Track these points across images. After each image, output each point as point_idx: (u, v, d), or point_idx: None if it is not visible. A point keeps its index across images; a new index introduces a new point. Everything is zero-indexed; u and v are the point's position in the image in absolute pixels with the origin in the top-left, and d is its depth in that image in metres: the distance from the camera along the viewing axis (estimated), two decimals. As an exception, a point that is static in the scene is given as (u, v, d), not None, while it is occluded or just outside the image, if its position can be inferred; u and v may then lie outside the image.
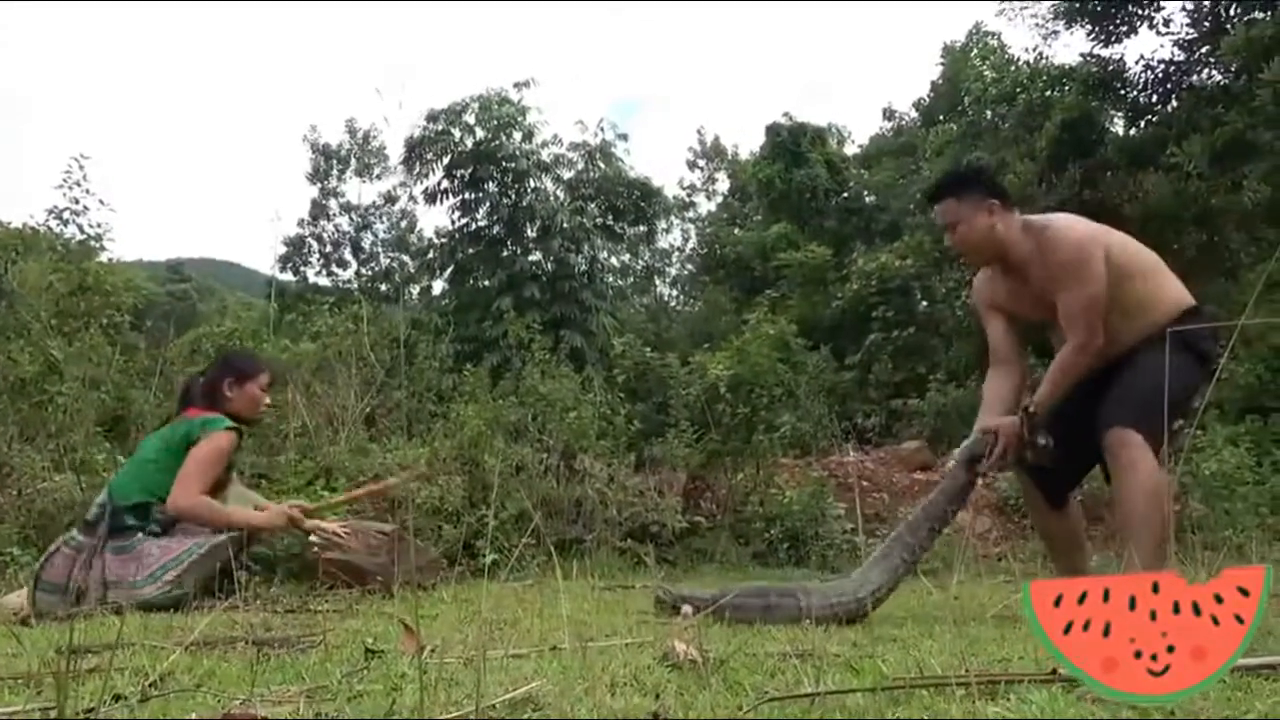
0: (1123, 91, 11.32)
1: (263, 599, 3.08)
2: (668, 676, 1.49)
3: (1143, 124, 11.51)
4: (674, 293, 25.11)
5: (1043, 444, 2.73)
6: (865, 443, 10.21)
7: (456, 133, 15.58)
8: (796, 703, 1.24)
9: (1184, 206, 10.21)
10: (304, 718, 1.24)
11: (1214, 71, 10.65)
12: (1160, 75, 11.03)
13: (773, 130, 19.12)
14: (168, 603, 2.91)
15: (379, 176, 22.63)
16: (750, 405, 6.11)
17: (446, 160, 15.60)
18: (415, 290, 19.38)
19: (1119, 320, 2.68)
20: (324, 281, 21.69)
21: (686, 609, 2.62)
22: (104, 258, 6.27)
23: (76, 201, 6.08)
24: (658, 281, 24.01)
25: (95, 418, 4.94)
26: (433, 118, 15.54)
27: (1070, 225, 2.76)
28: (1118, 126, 12.08)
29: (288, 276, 21.47)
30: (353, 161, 22.59)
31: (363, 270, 22.23)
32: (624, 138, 16.96)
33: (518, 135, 15.65)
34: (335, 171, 22.55)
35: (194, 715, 1.27)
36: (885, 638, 2.08)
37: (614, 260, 18.88)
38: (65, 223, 6.12)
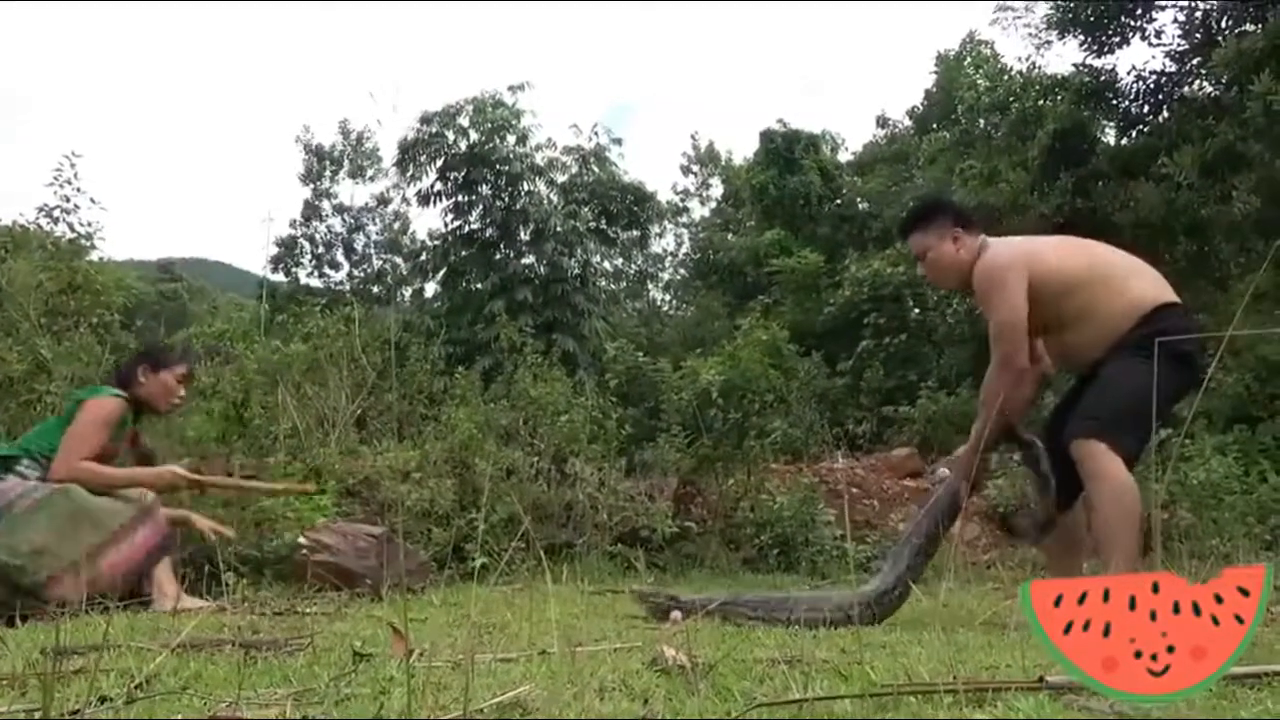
0: (1114, 102, 11.38)
1: (250, 601, 3.06)
2: (656, 681, 1.49)
3: (1134, 134, 11.57)
4: (666, 297, 25.13)
5: (994, 463, 2.93)
6: (856, 449, 10.22)
7: (450, 135, 15.57)
8: (784, 708, 1.24)
9: (1174, 217, 10.25)
10: (291, 721, 1.23)
11: (1205, 83, 10.71)
12: (1152, 86, 11.09)
13: (766, 136, 19.16)
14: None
15: (372, 178, 22.63)
16: (742, 411, 6.11)
17: (440, 162, 15.59)
18: (407, 292, 19.37)
19: (1070, 333, 2.79)
20: (316, 283, 21.68)
21: (676, 614, 2.63)
22: (94, 256, 6.24)
23: (67, 200, 6.05)
24: (650, 286, 24.04)
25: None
26: (427, 120, 15.54)
27: (993, 253, 2.89)
28: (1109, 136, 12.14)
29: (279, 277, 21.43)
30: (345, 163, 22.57)
31: (355, 272, 22.23)
32: (618, 142, 17.02)
33: (512, 138, 15.65)
34: (328, 172, 22.54)
35: (180, 717, 1.26)
36: (874, 644, 2.08)
37: (607, 264, 18.90)
38: (56, 221, 6.09)
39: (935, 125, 18.61)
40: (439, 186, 15.74)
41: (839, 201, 19.31)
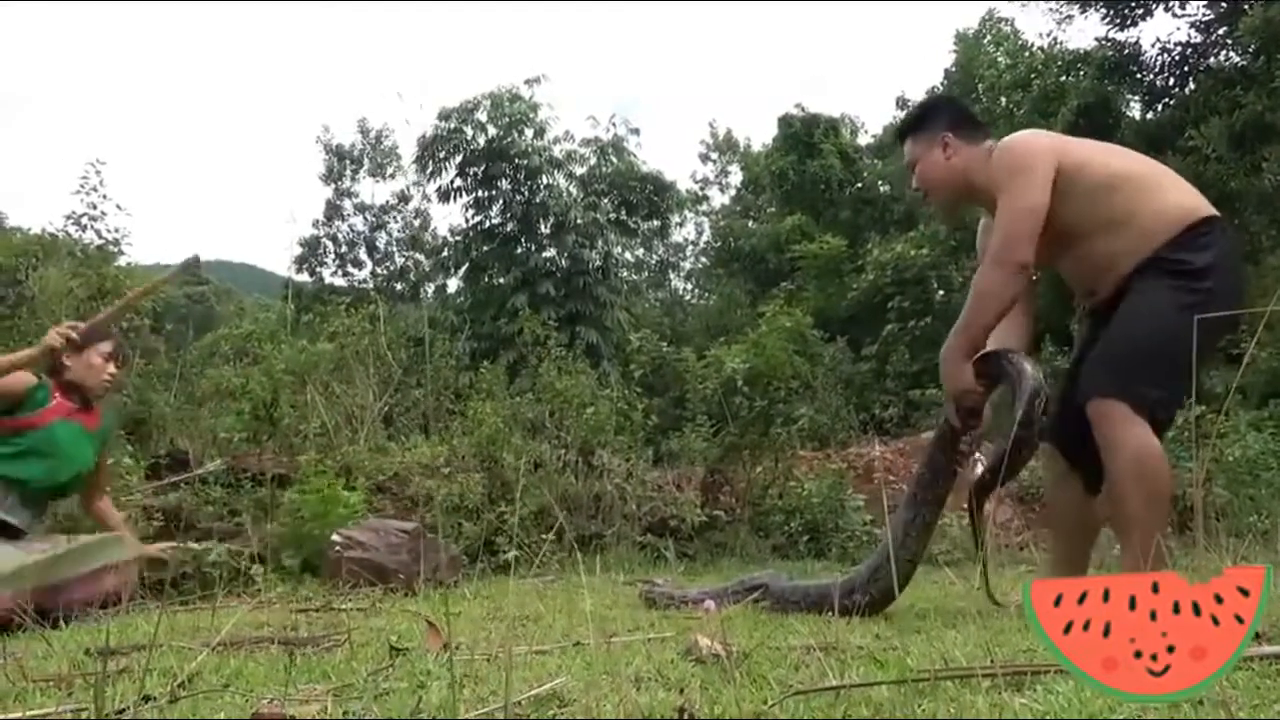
0: (1139, 75, 11.21)
1: (287, 599, 3.10)
2: (692, 671, 1.49)
3: (1160, 107, 11.40)
4: (689, 286, 25.11)
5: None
6: (884, 433, 10.18)
7: (469, 130, 15.61)
8: (821, 696, 1.24)
9: (1203, 190, 10.02)
10: (331, 716, 1.25)
11: (1232, 53, 10.53)
12: (1177, 58, 10.92)
13: (785, 122, 19.06)
14: None
15: (392, 176, 22.69)
16: (767, 398, 6.09)
17: (459, 158, 15.64)
18: (430, 289, 19.46)
19: (1100, 241, 2.38)
20: (340, 282, 21.76)
21: (709, 604, 2.63)
22: (122, 262, 6.34)
23: (94, 207, 6.15)
24: (672, 275, 24.04)
25: (117, 421, 4.99)
26: (445, 116, 15.59)
27: (1022, 136, 2.50)
28: (1134, 110, 11.98)
29: (304, 277, 21.53)
30: (366, 161, 22.66)
31: (378, 270, 22.30)
32: (635, 132, 16.98)
33: (530, 132, 15.67)
34: (349, 172, 22.63)
35: (223, 715, 1.28)
36: (909, 630, 2.08)
37: (628, 255, 18.88)
38: (84, 228, 6.19)
39: (956, 105, 18.39)
40: (459, 182, 15.81)
41: (860, 185, 19.20)
